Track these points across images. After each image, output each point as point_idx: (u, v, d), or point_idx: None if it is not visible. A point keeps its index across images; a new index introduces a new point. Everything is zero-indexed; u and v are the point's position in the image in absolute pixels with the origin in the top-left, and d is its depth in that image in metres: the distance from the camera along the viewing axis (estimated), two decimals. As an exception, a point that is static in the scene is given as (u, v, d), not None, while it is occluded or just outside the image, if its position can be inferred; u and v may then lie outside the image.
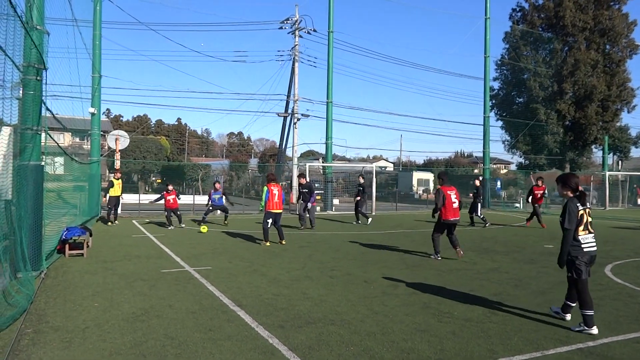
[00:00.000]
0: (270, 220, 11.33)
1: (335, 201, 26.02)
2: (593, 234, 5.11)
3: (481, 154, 31.43)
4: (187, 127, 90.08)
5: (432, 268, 8.62)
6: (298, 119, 28.06)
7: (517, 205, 29.53)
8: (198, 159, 74.05)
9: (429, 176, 46.50)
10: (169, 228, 14.70)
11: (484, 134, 29.56)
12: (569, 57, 28.32)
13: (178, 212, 15.50)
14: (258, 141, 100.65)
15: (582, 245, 5.01)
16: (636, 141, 43.37)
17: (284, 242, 11.47)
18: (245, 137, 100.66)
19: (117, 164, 20.15)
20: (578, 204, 5.02)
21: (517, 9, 31.05)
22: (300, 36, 27.99)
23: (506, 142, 31.96)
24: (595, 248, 5.09)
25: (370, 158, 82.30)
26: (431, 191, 42.91)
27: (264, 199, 11.40)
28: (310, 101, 28.48)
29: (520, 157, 32.66)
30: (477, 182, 17.88)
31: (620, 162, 46.77)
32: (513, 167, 49.00)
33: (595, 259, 5.17)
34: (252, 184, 45.11)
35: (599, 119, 28.43)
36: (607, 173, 31.95)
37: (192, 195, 23.51)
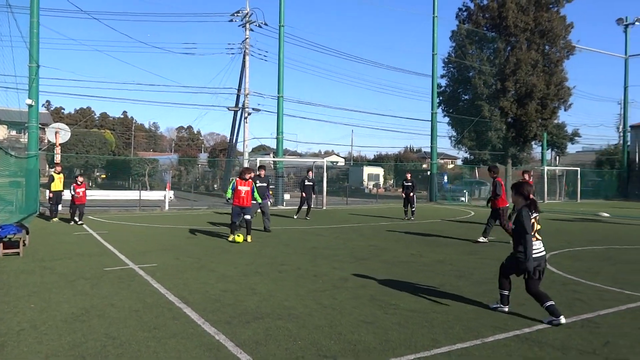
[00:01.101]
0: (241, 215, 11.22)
1: (286, 196, 25.99)
2: (540, 241, 5.28)
3: (429, 149, 32.25)
4: (134, 121, 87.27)
5: (381, 261, 8.77)
6: (249, 114, 27.76)
7: (463, 199, 30.52)
8: (145, 154, 71.92)
9: (379, 171, 47.26)
10: (70, 224, 14.14)
11: (431, 129, 30.32)
12: (511, 57, 29.45)
13: (83, 208, 14.69)
14: (208, 135, 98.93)
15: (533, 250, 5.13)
16: (572, 138, 45.78)
17: (249, 239, 11.06)
18: (195, 131, 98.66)
19: (58, 158, 19.24)
20: (530, 212, 5.18)
21: (464, 9, 31.95)
22: (251, 29, 27.67)
23: (452, 138, 32.89)
24: (542, 253, 5.25)
25: (322, 153, 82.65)
26: (381, 185, 43.64)
27: (230, 194, 11.26)
28: (261, 95, 28.30)
29: (466, 152, 33.69)
30: (409, 176, 18.53)
31: (557, 157, 49.23)
32: (459, 162, 50.59)
33: (545, 263, 5.29)
34: (201, 179, 44.30)
35: (538, 116, 29.74)
36: (546, 168, 33.57)
37: (138, 191, 22.80)
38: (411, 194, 17.73)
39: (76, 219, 14.46)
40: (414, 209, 17.77)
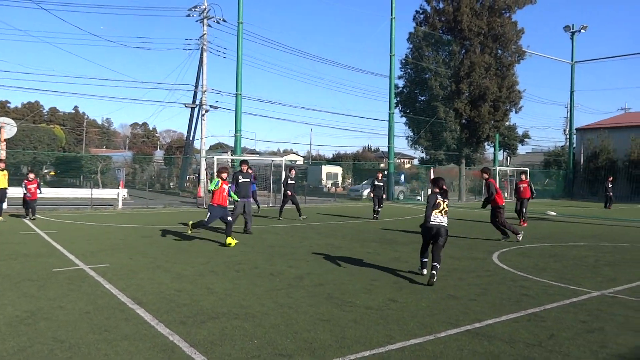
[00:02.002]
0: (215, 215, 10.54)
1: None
2: (443, 217, 7.33)
3: (387, 149, 32.73)
4: (86, 116, 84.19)
5: (338, 259, 8.84)
6: (206, 111, 27.36)
7: (419, 198, 31.15)
8: (98, 150, 69.53)
9: (338, 170, 47.52)
10: (26, 219, 14.16)
11: (389, 129, 30.77)
12: (465, 60, 30.29)
13: (34, 204, 14.90)
14: (164, 132, 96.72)
15: (432, 220, 7.27)
16: (522, 139, 47.57)
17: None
18: (151, 128, 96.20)
19: (2, 155, 18.36)
20: (437, 197, 7.36)
21: (420, 11, 32.59)
22: (209, 25, 27.26)
23: (409, 138, 33.53)
24: (440, 223, 7.29)
25: (281, 151, 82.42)
26: (339, 185, 43.93)
27: (214, 186, 10.46)
28: (219, 92, 27.98)
29: (422, 152, 34.40)
30: (380, 175, 18.65)
31: (509, 158, 51.00)
32: (416, 162, 51.60)
33: (440, 230, 7.23)
34: (157, 177, 43.28)
35: (491, 118, 30.72)
36: (498, 168, 34.73)
37: (90, 189, 22.05)
38: (383, 195, 18.07)
39: (30, 215, 14.59)
40: (380, 208, 17.85)
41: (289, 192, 16.67)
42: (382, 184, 18.16)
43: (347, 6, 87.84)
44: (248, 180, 12.44)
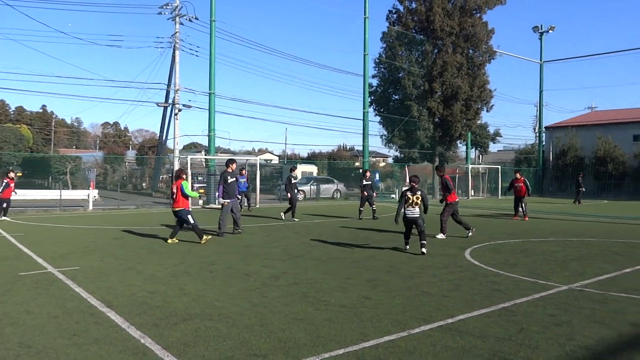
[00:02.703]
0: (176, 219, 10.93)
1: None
2: (415, 208, 9.26)
3: (361, 148, 32.91)
4: (54, 116, 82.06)
5: (313, 258, 8.85)
6: (179, 110, 26.99)
7: (393, 196, 31.41)
8: (67, 151, 67.87)
9: (313, 169, 47.53)
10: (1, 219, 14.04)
11: (363, 128, 30.92)
12: (438, 59, 30.70)
13: (4, 204, 15.24)
14: (137, 132, 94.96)
15: (407, 213, 9.26)
16: (494, 138, 48.40)
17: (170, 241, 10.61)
18: (122, 128, 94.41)
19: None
20: (407, 192, 9.30)
21: (393, 11, 32.86)
22: (181, 23, 26.90)
23: (383, 137, 33.80)
24: (413, 215, 9.26)
25: (256, 151, 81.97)
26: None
27: (191, 191, 10.98)
28: (192, 91, 27.52)
29: (396, 150, 34.75)
30: (368, 174, 18.60)
31: (481, 156, 51.87)
32: (390, 160, 52.01)
33: (416, 220, 9.25)
34: (129, 177, 42.53)
35: (463, 116, 31.23)
36: (470, 166, 35.32)
37: (59, 190, 21.51)
38: (374, 193, 18.04)
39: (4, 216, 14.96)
40: (374, 207, 17.65)
41: (289, 194, 16.62)
42: (370, 182, 18.12)
43: (321, 5, 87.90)
44: (235, 179, 12.28)
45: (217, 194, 11.77)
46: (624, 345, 4.48)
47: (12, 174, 15.95)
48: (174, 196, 10.72)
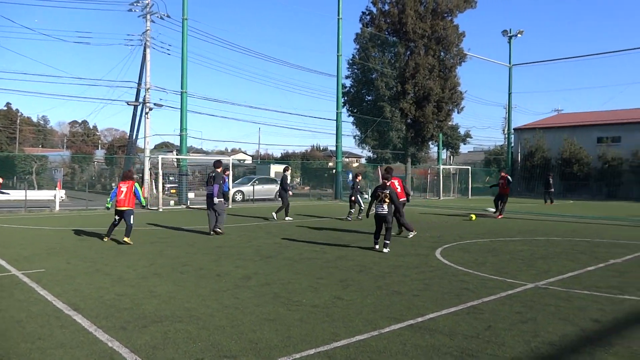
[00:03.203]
0: (117, 217, 10.89)
1: (191, 194, 25.23)
2: (384, 204, 9.44)
3: (335, 148, 33.02)
4: (19, 114, 79.62)
5: (285, 258, 8.83)
6: (150, 109, 26.54)
7: (366, 196, 31.62)
8: (33, 150, 65.91)
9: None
10: None
11: (336, 128, 31.01)
12: (410, 61, 31.06)
13: None
14: (106, 131, 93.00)
15: (377, 209, 9.56)
16: (464, 139, 49.28)
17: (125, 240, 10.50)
18: (91, 127, 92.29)
19: None
20: (378, 190, 9.64)
21: (367, 13, 33.10)
22: (152, 21, 26.46)
23: (357, 137, 34.02)
24: (383, 212, 9.47)
25: (229, 151, 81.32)
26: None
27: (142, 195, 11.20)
28: (163, 90, 27.22)
29: (369, 151, 35.03)
30: (359, 178, 18.59)
31: (452, 156, 52.69)
32: (363, 160, 52.33)
33: (386, 217, 9.46)
34: (98, 177, 41.61)
35: (434, 118, 31.68)
36: (441, 167, 35.84)
37: (24, 191, 20.87)
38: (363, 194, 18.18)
39: None
40: (361, 209, 17.66)
41: (290, 193, 17.09)
42: (359, 185, 18.18)
43: (294, 6, 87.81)
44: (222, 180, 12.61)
45: (214, 193, 12.07)
46: (586, 341, 4.63)
47: None
48: (123, 195, 10.75)
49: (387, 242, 9.63)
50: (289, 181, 17.24)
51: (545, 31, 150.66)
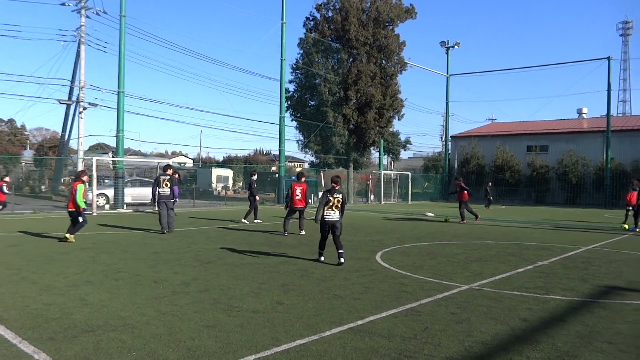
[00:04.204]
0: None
1: (127, 198, 24.29)
2: (334, 212, 8.83)
3: (278, 152, 32.93)
4: (-63, 110, 73.61)
5: (226, 264, 8.69)
6: (84, 108, 25.37)
7: (309, 200, 31.71)
8: (-48, 149, 61.16)
9: (229, 173, 46.80)
10: None
11: (279, 133, 30.97)
12: (353, 68, 31.55)
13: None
14: (35, 130, 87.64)
15: (325, 216, 8.84)
16: (404, 145, 50.62)
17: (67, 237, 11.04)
18: (19, 126, 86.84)
19: None
20: (328, 195, 8.82)
21: (311, 18, 33.30)
22: (87, 16, 25.35)
23: (300, 142, 34.10)
24: (333, 219, 8.83)
25: (169, 153, 79.14)
26: (230, 188, 43.29)
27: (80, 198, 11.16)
28: (98, 89, 26.04)
29: (312, 156, 35.17)
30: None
31: (392, 162, 53.96)
32: (306, 165, 52.51)
33: (335, 224, 8.84)
34: (26, 179, 39.18)
35: (376, 124, 32.30)
36: (382, 172, 36.61)
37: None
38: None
39: None
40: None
41: (255, 197, 17.04)
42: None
43: (238, 8, 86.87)
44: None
45: (176, 194, 13.93)
46: (515, 339, 4.87)
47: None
48: (70, 196, 11.31)
49: (342, 251, 8.82)
50: (255, 186, 17.28)
51: (481, 44, 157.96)
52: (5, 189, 17.65)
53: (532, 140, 43.31)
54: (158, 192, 13.38)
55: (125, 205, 22.85)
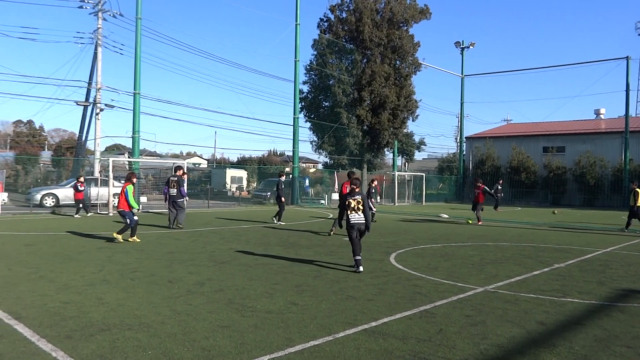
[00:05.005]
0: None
1: (143, 199, 24.55)
2: (358, 214, 8.28)
3: (292, 153, 32.99)
4: (-42, 111, 75.19)
5: (240, 264, 8.73)
6: (101, 109, 25.73)
7: (322, 202, 31.74)
8: (-28, 150, 62.40)
9: (243, 173, 47.01)
10: None
11: (293, 134, 31.03)
12: (367, 68, 31.50)
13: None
14: (53, 131, 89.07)
15: (351, 219, 8.29)
16: (419, 146, 50.37)
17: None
18: (37, 127, 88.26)
19: None
20: (348, 197, 8.39)
21: (325, 19, 33.35)
22: (104, 19, 25.70)
23: (313, 143, 34.12)
24: (358, 221, 8.27)
25: (184, 154, 79.76)
26: (244, 188, 43.50)
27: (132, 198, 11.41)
28: (115, 91, 26.36)
29: (326, 157, 35.18)
30: (374, 183, 18.18)
31: (406, 163, 53.75)
32: (320, 166, 52.56)
33: (362, 227, 8.29)
34: (44, 179, 39.82)
35: (390, 125, 32.21)
36: (397, 173, 36.47)
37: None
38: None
39: None
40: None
41: (283, 198, 16.99)
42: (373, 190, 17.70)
43: (253, 10, 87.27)
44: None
45: (183, 194, 14.99)
46: (532, 343, 4.81)
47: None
48: (119, 196, 11.46)
49: (359, 257, 8.27)
50: (283, 187, 17.15)
51: (496, 44, 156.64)
52: (80, 188, 18.27)
53: (548, 141, 42.77)
54: (169, 192, 14.88)
55: (140, 206, 23.07)
